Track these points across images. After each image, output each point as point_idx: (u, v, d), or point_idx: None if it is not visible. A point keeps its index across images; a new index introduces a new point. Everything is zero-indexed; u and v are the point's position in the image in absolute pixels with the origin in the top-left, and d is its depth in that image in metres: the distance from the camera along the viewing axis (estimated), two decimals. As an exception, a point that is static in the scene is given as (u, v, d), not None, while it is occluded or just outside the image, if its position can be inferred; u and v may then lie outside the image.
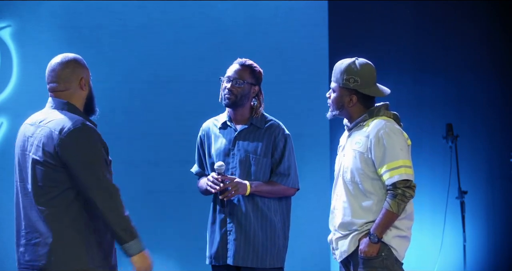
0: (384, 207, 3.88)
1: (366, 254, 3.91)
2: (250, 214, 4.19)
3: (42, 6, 6.43)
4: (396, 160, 3.88)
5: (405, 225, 3.97)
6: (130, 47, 6.46)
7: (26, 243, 3.46)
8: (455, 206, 6.76)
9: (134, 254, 3.38)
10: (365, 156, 3.94)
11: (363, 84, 4.00)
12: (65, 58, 3.56)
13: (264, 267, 4.19)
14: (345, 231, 4.01)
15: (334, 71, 4.08)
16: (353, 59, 4.06)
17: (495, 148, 7.02)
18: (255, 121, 4.27)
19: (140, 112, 6.47)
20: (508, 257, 6.93)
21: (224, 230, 4.22)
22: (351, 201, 3.99)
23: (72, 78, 3.52)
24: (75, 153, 3.35)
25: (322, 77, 6.43)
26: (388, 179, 3.89)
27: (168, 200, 6.43)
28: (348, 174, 4.00)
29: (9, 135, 6.36)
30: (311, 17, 6.50)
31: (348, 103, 4.03)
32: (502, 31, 7.07)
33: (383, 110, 4.03)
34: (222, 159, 4.25)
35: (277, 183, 4.23)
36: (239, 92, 4.22)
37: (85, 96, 3.56)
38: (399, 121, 4.07)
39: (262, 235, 4.19)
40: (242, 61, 4.28)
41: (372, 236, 3.90)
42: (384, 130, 3.92)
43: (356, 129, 4.05)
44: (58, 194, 3.39)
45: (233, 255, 4.19)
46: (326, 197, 6.41)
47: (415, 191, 3.92)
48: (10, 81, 6.45)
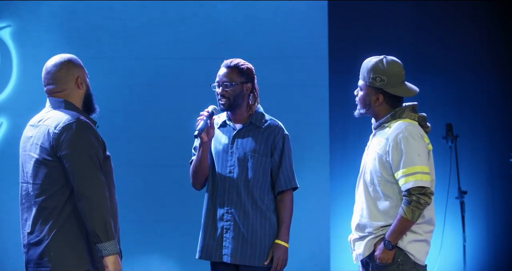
0: (399, 213, 3.81)
1: (381, 261, 3.87)
2: (249, 211, 4.19)
3: (42, 6, 6.43)
4: (413, 165, 3.80)
5: (423, 229, 3.89)
6: (130, 47, 6.46)
7: (28, 243, 3.47)
8: (455, 206, 6.76)
9: (108, 255, 3.38)
10: (384, 159, 3.88)
11: (390, 83, 3.93)
12: (59, 60, 3.61)
13: (262, 265, 4.18)
14: (362, 233, 3.97)
15: (362, 69, 4.00)
16: (381, 57, 3.98)
17: (495, 148, 7.02)
18: (254, 120, 4.27)
19: (140, 113, 6.47)
20: (508, 257, 6.93)
21: (221, 226, 4.22)
22: (369, 203, 3.94)
23: (68, 78, 3.57)
24: (66, 144, 3.39)
25: (322, 77, 6.42)
26: (403, 184, 3.81)
27: (168, 200, 6.43)
28: (368, 175, 3.95)
29: (9, 135, 6.36)
30: (311, 17, 6.50)
31: (375, 102, 3.96)
32: (502, 31, 7.07)
33: (407, 112, 3.95)
34: (221, 157, 4.25)
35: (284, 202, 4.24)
36: (231, 94, 4.21)
37: (83, 95, 3.59)
38: (425, 123, 3.99)
39: (261, 233, 4.19)
40: (227, 63, 4.27)
41: (386, 243, 3.84)
42: (403, 134, 3.85)
43: (379, 129, 3.99)
44: (55, 191, 3.42)
45: (230, 253, 4.18)
46: (326, 197, 6.43)
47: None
48: (10, 81, 6.45)
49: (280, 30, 6.49)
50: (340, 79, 6.58)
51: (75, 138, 3.39)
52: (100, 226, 3.35)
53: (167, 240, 6.36)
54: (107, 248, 3.37)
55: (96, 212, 3.35)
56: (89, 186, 3.36)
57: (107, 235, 3.36)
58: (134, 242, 6.31)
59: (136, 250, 6.32)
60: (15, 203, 6.27)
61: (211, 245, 4.23)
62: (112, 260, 3.38)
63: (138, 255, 6.34)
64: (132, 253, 6.31)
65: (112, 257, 3.38)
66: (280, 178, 4.23)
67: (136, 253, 6.33)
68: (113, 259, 3.39)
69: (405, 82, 4.00)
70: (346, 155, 6.76)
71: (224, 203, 4.22)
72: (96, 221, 3.35)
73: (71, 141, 3.39)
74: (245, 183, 4.20)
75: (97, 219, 3.35)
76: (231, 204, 4.21)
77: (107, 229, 3.36)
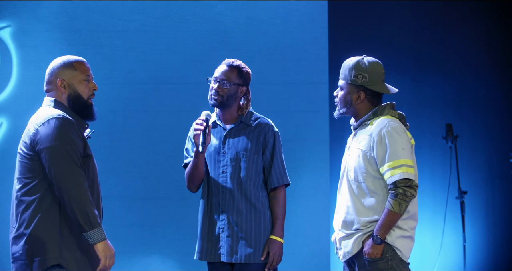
0: (386, 207, 3.86)
1: (370, 256, 3.90)
2: (243, 210, 4.21)
3: (42, 7, 6.43)
4: (397, 159, 3.86)
5: (408, 225, 3.95)
6: (130, 47, 6.46)
7: (12, 236, 3.57)
8: (455, 206, 6.76)
9: (95, 243, 3.48)
10: (368, 155, 3.93)
11: (372, 80, 3.99)
12: (54, 61, 3.75)
13: (257, 261, 4.20)
14: (348, 230, 3.99)
15: (342, 69, 4.06)
16: (362, 56, 4.06)
17: (495, 148, 7.02)
18: (244, 119, 4.30)
19: (140, 113, 6.46)
20: (508, 257, 6.93)
21: (217, 227, 4.23)
22: (354, 200, 3.97)
23: (52, 79, 3.70)
24: (43, 139, 3.50)
25: (322, 77, 6.42)
26: (389, 178, 3.87)
27: (168, 200, 6.43)
28: (352, 172, 3.99)
29: (9, 135, 6.36)
30: (311, 17, 6.50)
31: (356, 100, 4.01)
32: (502, 31, 7.07)
33: (387, 110, 4.01)
34: (213, 158, 4.28)
35: (278, 198, 4.27)
36: (226, 93, 4.24)
37: (66, 97, 3.68)
38: (405, 121, 4.05)
39: (256, 230, 4.21)
40: (229, 62, 4.30)
41: (375, 237, 3.88)
42: (386, 129, 3.91)
43: (361, 128, 4.04)
44: (33, 185, 3.52)
45: (226, 252, 4.21)
46: (326, 197, 6.43)
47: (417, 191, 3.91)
48: (10, 81, 6.45)
49: (280, 30, 6.49)
50: (340, 79, 6.57)
51: (53, 133, 3.50)
52: (82, 216, 3.44)
53: (167, 240, 6.36)
54: (92, 236, 3.47)
55: (76, 203, 3.44)
56: (66, 179, 3.45)
57: (91, 223, 3.46)
58: (134, 242, 6.32)
59: (136, 250, 6.32)
60: (15, 203, 6.27)
61: (208, 245, 4.25)
62: (102, 247, 3.49)
63: (138, 255, 6.34)
64: (132, 253, 6.31)
65: (100, 244, 3.49)
66: (272, 175, 4.26)
67: (136, 253, 6.33)
68: (102, 245, 3.49)
69: (385, 82, 4.06)
70: (346, 155, 6.75)
71: (218, 203, 4.24)
72: (77, 211, 3.44)
73: (48, 136, 3.49)
74: (238, 182, 4.23)
75: (78, 209, 3.44)
76: (225, 203, 4.23)
77: (89, 218, 3.45)
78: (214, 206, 4.25)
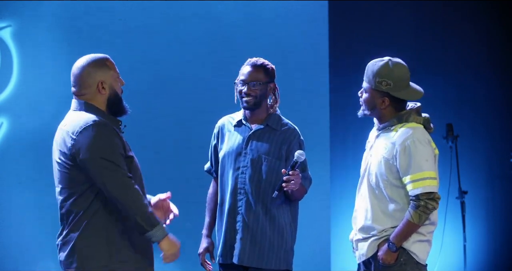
0: (406, 217, 3.84)
1: (384, 262, 3.90)
2: (259, 214, 4.17)
3: (42, 6, 6.43)
4: (421, 171, 3.83)
5: (426, 229, 3.93)
6: (130, 47, 6.45)
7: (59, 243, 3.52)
8: (455, 206, 6.76)
9: (159, 240, 3.46)
10: (390, 163, 3.89)
11: (396, 87, 3.92)
12: (84, 62, 3.58)
13: (269, 268, 4.17)
14: (365, 235, 3.99)
15: (367, 72, 3.99)
16: (386, 60, 3.96)
17: (495, 148, 7.02)
18: (271, 123, 4.26)
19: (140, 113, 6.45)
20: (508, 257, 6.93)
21: (233, 228, 4.21)
22: (373, 205, 3.95)
23: (89, 83, 3.54)
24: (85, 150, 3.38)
25: (322, 77, 6.42)
26: (411, 190, 3.84)
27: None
28: (373, 177, 3.96)
29: (9, 135, 6.35)
30: (311, 17, 6.49)
31: (381, 105, 3.95)
32: (502, 31, 7.08)
33: (413, 116, 3.96)
34: (234, 157, 4.24)
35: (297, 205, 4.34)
36: (258, 93, 4.22)
37: (106, 99, 3.56)
38: (430, 124, 4.00)
39: (270, 236, 4.17)
40: (254, 61, 4.27)
41: (391, 244, 3.87)
42: (411, 139, 3.86)
43: (384, 131, 3.99)
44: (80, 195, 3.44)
45: (238, 254, 4.18)
46: (326, 197, 6.43)
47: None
48: (10, 81, 6.45)
49: (280, 30, 6.49)
50: (340, 79, 6.58)
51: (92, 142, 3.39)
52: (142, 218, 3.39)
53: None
54: (155, 234, 3.43)
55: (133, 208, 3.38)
56: (117, 188, 3.38)
57: (151, 222, 3.41)
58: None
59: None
60: (15, 203, 6.27)
61: (227, 247, 4.23)
62: (166, 244, 3.47)
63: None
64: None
65: (164, 241, 3.47)
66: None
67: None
68: (166, 242, 3.47)
69: (410, 84, 4.00)
70: (346, 155, 6.76)
71: (235, 204, 4.21)
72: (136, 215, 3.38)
73: (89, 146, 3.38)
74: (257, 185, 4.19)
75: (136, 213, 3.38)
76: (241, 205, 4.20)
77: (149, 217, 3.40)
78: (230, 207, 4.22)
